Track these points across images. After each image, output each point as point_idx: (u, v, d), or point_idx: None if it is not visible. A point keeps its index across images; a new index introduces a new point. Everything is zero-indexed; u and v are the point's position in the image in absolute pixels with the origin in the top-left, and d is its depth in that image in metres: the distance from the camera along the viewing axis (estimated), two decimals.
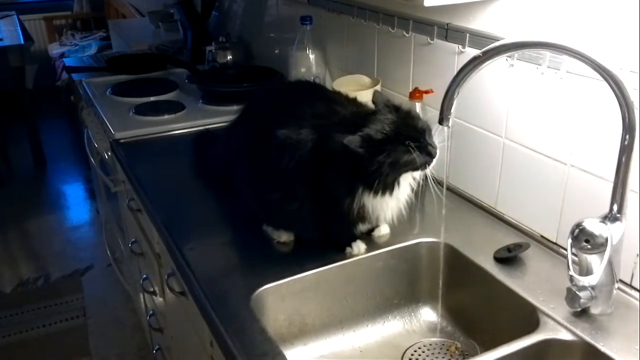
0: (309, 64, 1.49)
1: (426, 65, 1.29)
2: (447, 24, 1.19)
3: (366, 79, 1.43)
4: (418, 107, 1.27)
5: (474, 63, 0.84)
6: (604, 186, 0.94)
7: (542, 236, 1.09)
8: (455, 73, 0.88)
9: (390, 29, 1.36)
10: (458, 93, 0.88)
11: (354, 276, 1.07)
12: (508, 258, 1.03)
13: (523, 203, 1.12)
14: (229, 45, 2.19)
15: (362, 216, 1.01)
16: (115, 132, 1.63)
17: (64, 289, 2.51)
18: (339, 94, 1.11)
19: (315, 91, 1.13)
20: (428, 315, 1.13)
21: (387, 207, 1.02)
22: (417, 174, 1.01)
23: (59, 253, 2.79)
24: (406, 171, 0.97)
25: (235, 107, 1.81)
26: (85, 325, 2.31)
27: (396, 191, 0.99)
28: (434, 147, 0.96)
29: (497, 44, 0.82)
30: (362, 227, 1.07)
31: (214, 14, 2.52)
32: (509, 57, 1.05)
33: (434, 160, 0.96)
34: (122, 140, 1.60)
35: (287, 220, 1.08)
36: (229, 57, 2.18)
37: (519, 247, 1.05)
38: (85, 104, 2.08)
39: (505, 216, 1.16)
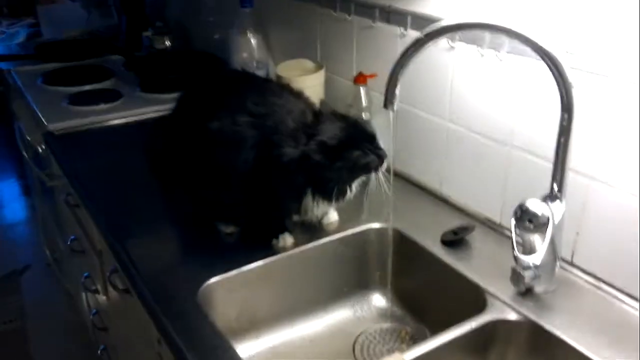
0: (250, 48, 1.45)
1: (369, 49, 1.27)
2: (389, 6, 1.18)
3: (310, 64, 1.41)
4: (362, 91, 1.25)
5: (416, 45, 0.83)
6: (544, 166, 0.95)
7: (486, 218, 1.10)
8: (398, 56, 0.87)
9: (332, 11, 1.34)
10: (401, 76, 0.87)
11: (303, 265, 1.06)
12: (454, 241, 1.04)
13: (468, 185, 1.13)
14: (166, 30, 2.11)
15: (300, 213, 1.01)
16: (49, 123, 1.54)
17: (1, 291, 2.39)
18: (277, 85, 1.08)
19: (251, 82, 1.10)
20: (378, 301, 1.13)
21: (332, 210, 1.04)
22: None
23: None
24: (361, 175, 0.99)
25: (174, 95, 1.76)
26: (25, 329, 2.20)
27: (348, 195, 1.00)
28: (384, 150, 0.98)
29: (438, 25, 0.81)
30: (295, 218, 1.07)
31: None
32: (450, 39, 1.05)
33: (385, 162, 0.98)
34: (56, 133, 1.52)
35: (224, 214, 1.06)
36: (167, 43, 2.11)
37: (465, 229, 1.06)
38: (15, 95, 1.97)
39: (451, 199, 1.17)
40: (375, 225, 1.10)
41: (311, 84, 1.33)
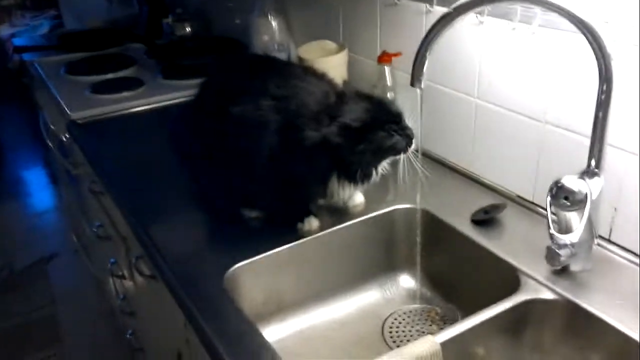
0: (271, 32, 1.42)
1: (393, 27, 1.24)
2: None
3: (332, 45, 1.38)
4: (387, 71, 1.23)
5: (445, 21, 0.80)
6: (580, 142, 0.92)
7: (518, 196, 1.07)
8: (424, 34, 0.84)
9: None
10: (429, 53, 0.84)
11: (329, 248, 1.04)
12: (485, 220, 1.01)
13: (498, 163, 1.10)
14: (187, 16, 2.10)
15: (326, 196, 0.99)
16: (72, 112, 1.54)
17: (30, 279, 2.43)
18: (299, 67, 1.05)
19: (273, 65, 1.07)
20: (407, 282, 1.11)
21: (358, 192, 1.01)
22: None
23: (22, 242, 2.69)
24: (388, 156, 0.96)
25: (196, 81, 1.75)
26: (55, 315, 2.24)
27: (373, 178, 0.97)
28: (411, 129, 0.95)
29: None
30: (321, 202, 1.05)
31: None
32: (479, 13, 1.02)
33: (414, 142, 0.95)
34: (79, 121, 1.52)
35: (248, 199, 1.04)
36: (187, 29, 2.10)
37: (496, 208, 1.03)
38: (39, 85, 1.98)
39: (480, 177, 1.14)
40: (403, 205, 1.08)
41: (333, 65, 1.30)
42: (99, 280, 2.18)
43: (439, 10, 1.10)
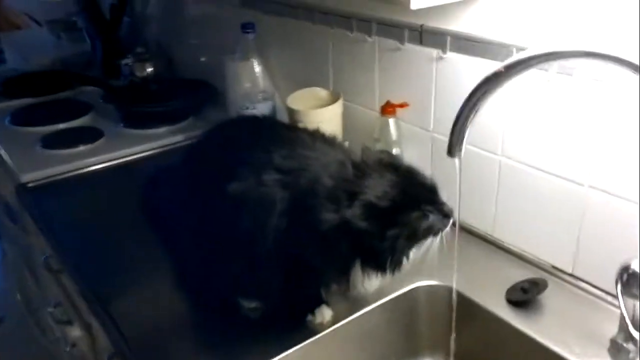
0: (253, 77, 1.26)
1: (396, 74, 1.10)
2: (422, 26, 1.01)
3: (323, 93, 1.23)
4: (391, 123, 1.08)
5: (493, 80, 0.66)
6: (628, 208, 0.80)
7: (554, 267, 0.94)
8: (434, 82, 0.70)
9: (347, 32, 1.17)
10: (473, 118, 0.70)
11: (345, 342, 0.88)
12: (524, 301, 0.87)
13: (528, 230, 0.96)
14: (148, 56, 1.91)
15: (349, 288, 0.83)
16: (21, 174, 1.33)
17: None
18: (306, 132, 0.89)
19: (274, 130, 0.92)
20: None
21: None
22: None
23: None
24: (422, 240, 0.78)
25: (164, 129, 1.59)
26: None
27: (405, 264, 0.80)
28: (449, 205, 0.79)
29: (523, 55, 0.64)
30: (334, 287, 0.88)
31: (125, 19, 2.22)
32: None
33: (451, 221, 0.79)
34: (30, 184, 1.31)
35: (247, 289, 0.87)
36: (148, 70, 1.91)
37: (535, 285, 0.89)
38: None
39: (508, 245, 1.00)
40: (426, 282, 0.93)
41: (329, 117, 1.15)
42: (50, 353, 1.92)
43: (453, 58, 0.97)
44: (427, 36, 1.01)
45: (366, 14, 1.11)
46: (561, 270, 0.93)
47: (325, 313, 0.85)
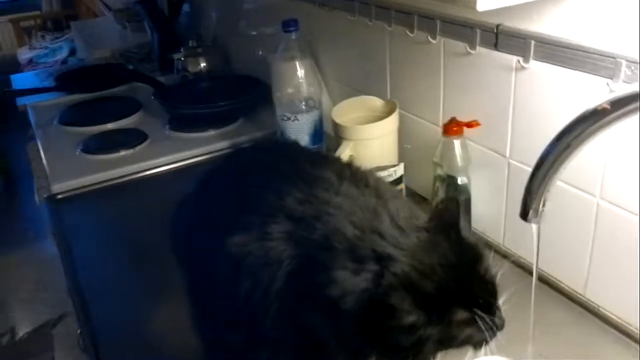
0: (296, 82, 1.09)
1: (465, 85, 0.90)
2: (498, 26, 0.80)
3: (377, 102, 1.04)
4: (457, 145, 0.88)
5: (593, 120, 0.46)
6: None
7: None
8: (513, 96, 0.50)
9: (407, 31, 0.97)
10: (560, 169, 0.49)
11: None
12: None
13: (626, 289, 0.74)
14: (201, 50, 1.79)
15: None
16: (53, 183, 1.25)
17: (34, 347, 2.15)
18: (339, 163, 0.71)
19: (292, 162, 0.73)
20: None
21: None
22: None
23: (27, 300, 2.41)
24: (456, 347, 0.58)
25: (210, 133, 1.46)
26: None
27: None
28: (502, 315, 0.58)
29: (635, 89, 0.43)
30: None
31: (184, 11, 2.12)
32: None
33: (498, 335, 0.58)
34: (59, 196, 1.22)
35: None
36: (202, 65, 1.79)
37: None
38: (31, 137, 1.70)
39: (602, 310, 0.78)
40: None
41: (381, 133, 0.96)
42: None
43: (537, 68, 0.75)
44: (504, 39, 0.79)
45: (431, 10, 0.91)
46: None
47: None
